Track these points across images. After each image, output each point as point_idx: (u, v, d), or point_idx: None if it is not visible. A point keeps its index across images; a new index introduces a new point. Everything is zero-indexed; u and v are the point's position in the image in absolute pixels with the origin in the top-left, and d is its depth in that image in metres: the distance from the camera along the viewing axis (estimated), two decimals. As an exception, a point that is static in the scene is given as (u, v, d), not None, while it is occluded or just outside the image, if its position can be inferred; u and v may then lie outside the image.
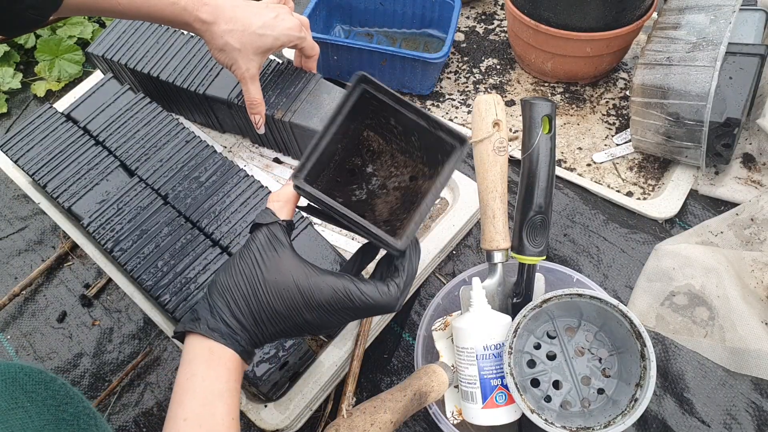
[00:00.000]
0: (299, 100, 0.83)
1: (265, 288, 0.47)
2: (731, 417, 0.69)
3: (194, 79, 0.88)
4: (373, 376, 0.77)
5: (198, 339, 0.48)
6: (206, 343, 0.47)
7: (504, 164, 0.66)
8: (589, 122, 0.99)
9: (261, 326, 0.48)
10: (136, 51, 0.92)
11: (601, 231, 0.85)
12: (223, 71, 0.88)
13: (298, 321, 0.48)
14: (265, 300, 0.47)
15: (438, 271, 0.84)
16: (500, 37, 1.13)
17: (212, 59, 0.89)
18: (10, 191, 1.02)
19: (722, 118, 0.79)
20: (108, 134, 0.84)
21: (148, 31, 0.94)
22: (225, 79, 0.87)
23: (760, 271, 0.78)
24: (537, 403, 0.60)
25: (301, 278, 0.47)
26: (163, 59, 0.91)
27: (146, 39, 0.93)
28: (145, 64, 0.91)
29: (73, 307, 0.88)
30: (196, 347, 0.48)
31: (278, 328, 0.48)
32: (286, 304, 0.47)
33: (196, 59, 0.90)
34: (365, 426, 0.56)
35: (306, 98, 0.83)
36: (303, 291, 0.47)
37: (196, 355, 0.47)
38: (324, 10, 1.07)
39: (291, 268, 0.48)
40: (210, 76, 0.88)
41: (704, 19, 0.81)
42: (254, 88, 0.78)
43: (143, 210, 0.76)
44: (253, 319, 0.48)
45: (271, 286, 0.47)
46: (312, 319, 0.48)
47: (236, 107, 0.86)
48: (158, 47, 0.92)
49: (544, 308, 0.62)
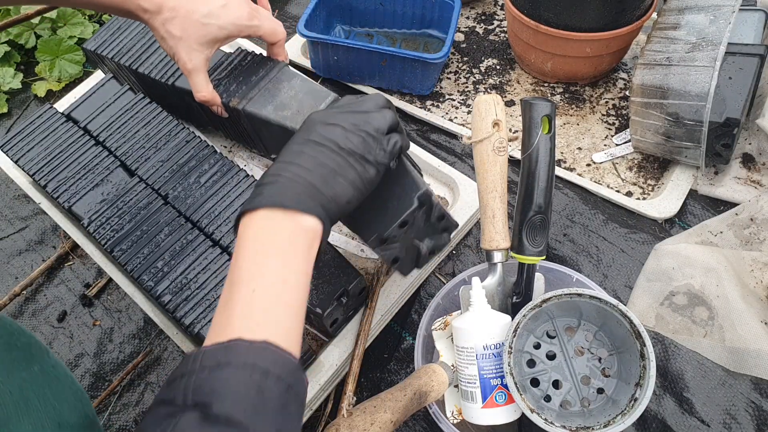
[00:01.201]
0: (258, 87, 0.79)
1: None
2: (731, 417, 0.69)
3: (176, 72, 0.86)
4: (373, 375, 0.77)
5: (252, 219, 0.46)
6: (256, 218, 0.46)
7: (504, 164, 0.66)
8: (588, 122, 0.99)
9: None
10: (130, 48, 0.91)
11: (601, 231, 0.85)
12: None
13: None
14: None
15: (438, 271, 0.84)
16: (500, 37, 1.13)
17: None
18: (11, 191, 1.02)
19: (722, 118, 0.80)
20: (108, 134, 0.84)
21: (140, 27, 0.92)
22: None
23: (760, 270, 0.78)
24: (537, 403, 0.60)
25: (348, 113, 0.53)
26: (154, 56, 0.89)
27: (141, 37, 0.91)
28: (134, 60, 0.89)
29: (73, 307, 0.88)
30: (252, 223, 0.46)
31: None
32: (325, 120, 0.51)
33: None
34: (365, 425, 0.56)
35: (265, 86, 0.79)
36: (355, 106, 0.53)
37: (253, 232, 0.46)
38: (324, 10, 1.07)
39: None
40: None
41: (704, 20, 0.81)
42: (199, 80, 0.72)
43: (143, 210, 0.76)
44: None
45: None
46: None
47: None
48: (150, 44, 0.90)
49: (543, 308, 0.62)
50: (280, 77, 0.79)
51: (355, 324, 0.75)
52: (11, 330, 0.46)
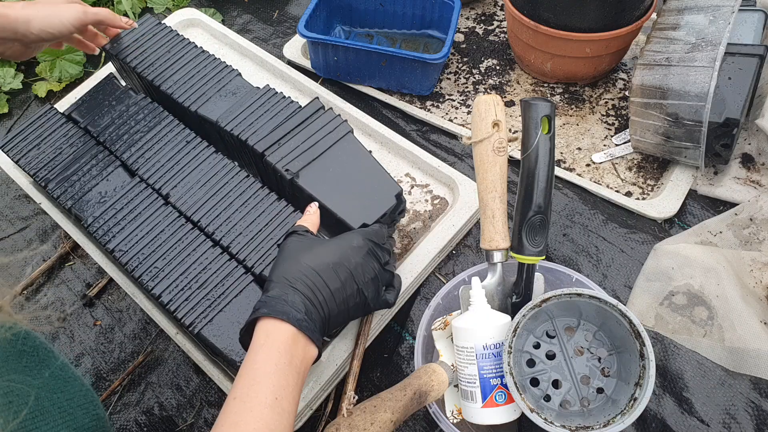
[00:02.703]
0: (315, 151, 0.76)
1: (309, 255, 0.60)
2: (730, 416, 0.69)
3: (191, 95, 0.85)
4: (373, 375, 0.77)
5: (259, 326, 0.55)
6: (263, 326, 0.54)
7: (503, 164, 0.66)
8: (588, 122, 0.99)
9: (316, 289, 0.57)
10: (147, 56, 0.89)
11: (601, 231, 0.85)
12: (217, 94, 0.85)
13: (348, 266, 0.60)
14: (313, 262, 0.59)
15: (438, 271, 0.84)
16: (500, 37, 1.13)
17: (214, 79, 0.86)
18: (12, 191, 1.02)
19: (721, 118, 0.80)
20: (108, 134, 0.84)
21: (164, 39, 0.91)
22: (220, 101, 0.84)
23: (759, 270, 0.78)
24: (536, 403, 0.61)
25: (334, 239, 0.63)
26: (168, 70, 0.88)
27: (159, 47, 0.90)
28: (150, 72, 0.88)
29: (74, 307, 0.88)
30: (256, 333, 0.54)
31: (333, 285, 0.58)
32: (334, 254, 0.60)
33: (198, 76, 0.87)
34: (365, 425, 0.56)
35: (325, 154, 0.76)
36: (340, 239, 0.63)
37: (254, 340, 0.54)
38: (324, 10, 1.08)
39: (322, 241, 0.63)
40: (206, 96, 0.84)
41: (703, 20, 0.81)
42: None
43: (144, 210, 0.76)
44: (306, 284, 0.57)
45: (314, 253, 0.60)
46: (356, 260, 0.60)
47: (224, 132, 0.81)
48: (168, 57, 0.89)
49: (543, 308, 0.62)
50: (346, 147, 0.76)
51: (355, 324, 0.75)
52: (19, 335, 0.46)
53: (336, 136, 0.76)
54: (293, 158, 0.75)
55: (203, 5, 1.25)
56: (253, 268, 0.71)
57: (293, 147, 0.76)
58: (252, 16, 1.24)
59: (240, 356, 0.65)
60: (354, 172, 0.74)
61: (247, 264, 0.71)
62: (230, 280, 0.70)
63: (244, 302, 0.69)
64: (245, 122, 0.80)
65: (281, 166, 0.74)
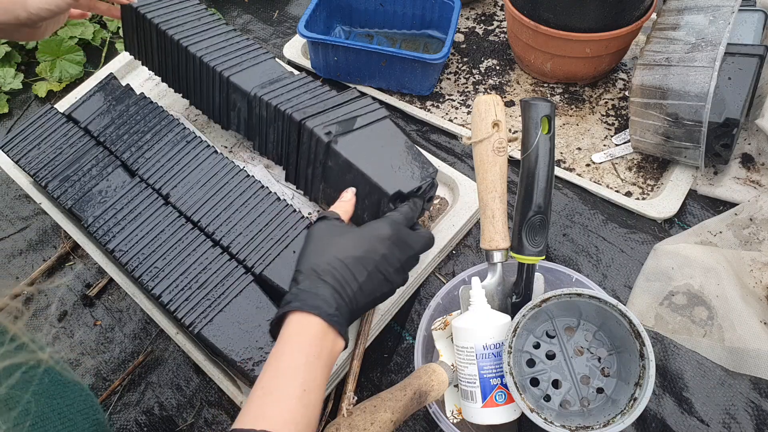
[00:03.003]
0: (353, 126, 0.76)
1: (338, 246, 0.59)
2: (730, 416, 0.69)
3: (224, 62, 0.83)
4: (373, 375, 0.77)
5: (290, 318, 0.54)
6: (295, 319, 0.54)
7: (503, 164, 0.66)
8: (588, 123, 0.99)
9: (345, 282, 0.57)
10: (174, 17, 0.87)
11: (600, 231, 0.86)
12: (252, 67, 0.84)
13: (375, 258, 0.59)
14: (342, 254, 0.58)
15: (438, 271, 0.84)
16: (500, 38, 1.13)
17: (249, 54, 0.85)
18: (12, 191, 1.02)
19: (721, 118, 0.80)
20: (109, 134, 0.84)
21: (193, 8, 0.90)
22: (254, 74, 0.83)
23: (759, 270, 0.78)
24: (536, 402, 0.61)
25: (362, 229, 0.62)
26: (198, 36, 0.86)
27: (189, 13, 0.89)
28: (177, 33, 0.85)
29: (74, 307, 0.88)
30: (287, 326, 0.54)
31: (362, 278, 0.57)
32: (362, 246, 0.59)
33: (232, 48, 0.85)
34: (365, 425, 0.56)
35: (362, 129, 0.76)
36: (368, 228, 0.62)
37: (284, 333, 0.54)
38: (324, 11, 1.08)
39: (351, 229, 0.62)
40: (240, 66, 0.83)
41: (703, 20, 0.81)
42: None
43: (144, 210, 0.76)
44: (335, 278, 0.56)
45: (342, 244, 0.59)
46: (383, 252, 0.59)
47: (257, 101, 0.80)
48: (198, 24, 0.87)
49: (543, 308, 0.62)
50: (384, 126, 0.77)
51: (355, 324, 0.75)
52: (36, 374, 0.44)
53: (373, 117, 0.76)
54: (330, 126, 0.74)
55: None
56: (253, 268, 0.71)
57: (331, 119, 0.75)
58: (252, 16, 1.24)
59: (240, 356, 0.65)
60: (392, 147, 0.74)
61: (247, 264, 0.71)
62: (230, 280, 0.70)
63: (244, 302, 0.69)
64: (282, 96, 0.79)
65: (319, 131, 0.73)
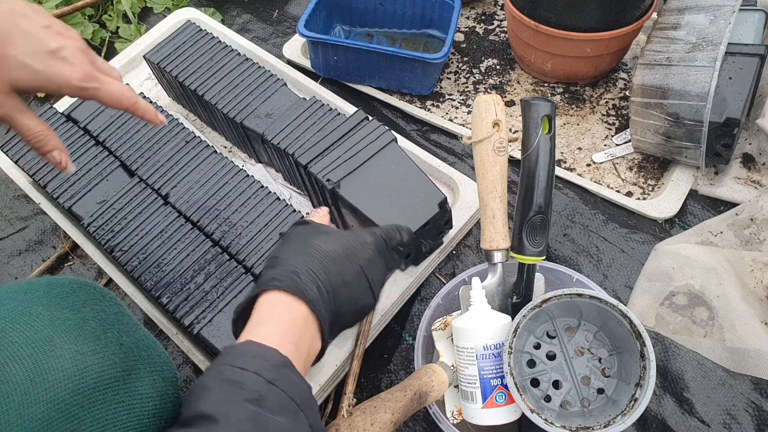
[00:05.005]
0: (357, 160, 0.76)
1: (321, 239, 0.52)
2: (731, 417, 0.69)
3: (236, 105, 0.85)
4: (373, 375, 0.77)
5: (263, 299, 0.47)
6: (271, 299, 0.47)
7: (504, 164, 0.66)
8: (588, 122, 0.99)
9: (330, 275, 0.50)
10: (189, 65, 0.90)
11: (601, 231, 0.85)
12: (263, 105, 0.85)
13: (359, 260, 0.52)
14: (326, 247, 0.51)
15: (438, 271, 0.84)
16: (500, 37, 1.13)
17: (259, 89, 0.86)
18: (11, 191, 1.02)
19: (722, 118, 0.80)
20: (108, 134, 0.84)
21: (205, 47, 0.91)
22: (265, 112, 0.85)
23: (760, 271, 0.78)
24: (537, 403, 0.60)
25: (343, 232, 0.55)
26: (212, 78, 0.88)
27: (200, 55, 0.90)
28: (193, 81, 0.88)
29: (73, 307, 0.88)
30: (260, 307, 0.47)
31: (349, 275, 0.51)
32: (345, 245, 0.52)
33: (243, 85, 0.87)
34: (365, 425, 0.56)
35: (368, 162, 0.76)
36: (350, 233, 0.55)
37: (256, 315, 0.47)
38: (324, 10, 1.07)
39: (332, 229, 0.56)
40: (251, 106, 0.85)
41: (704, 20, 0.81)
42: (24, 118, 0.53)
43: (143, 210, 0.76)
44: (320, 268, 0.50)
45: (325, 239, 0.52)
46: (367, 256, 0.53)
47: (268, 143, 0.82)
48: (210, 65, 0.89)
49: (543, 308, 0.62)
50: (388, 156, 0.76)
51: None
52: (112, 300, 0.52)
53: (378, 146, 0.76)
54: (335, 168, 0.75)
55: (203, 5, 1.25)
56: (253, 268, 0.71)
57: (336, 157, 0.76)
58: (252, 15, 1.24)
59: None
60: (396, 181, 0.74)
61: (247, 264, 0.71)
62: (230, 280, 0.70)
63: (244, 302, 0.69)
64: (291, 135, 0.80)
65: (323, 176, 0.75)
